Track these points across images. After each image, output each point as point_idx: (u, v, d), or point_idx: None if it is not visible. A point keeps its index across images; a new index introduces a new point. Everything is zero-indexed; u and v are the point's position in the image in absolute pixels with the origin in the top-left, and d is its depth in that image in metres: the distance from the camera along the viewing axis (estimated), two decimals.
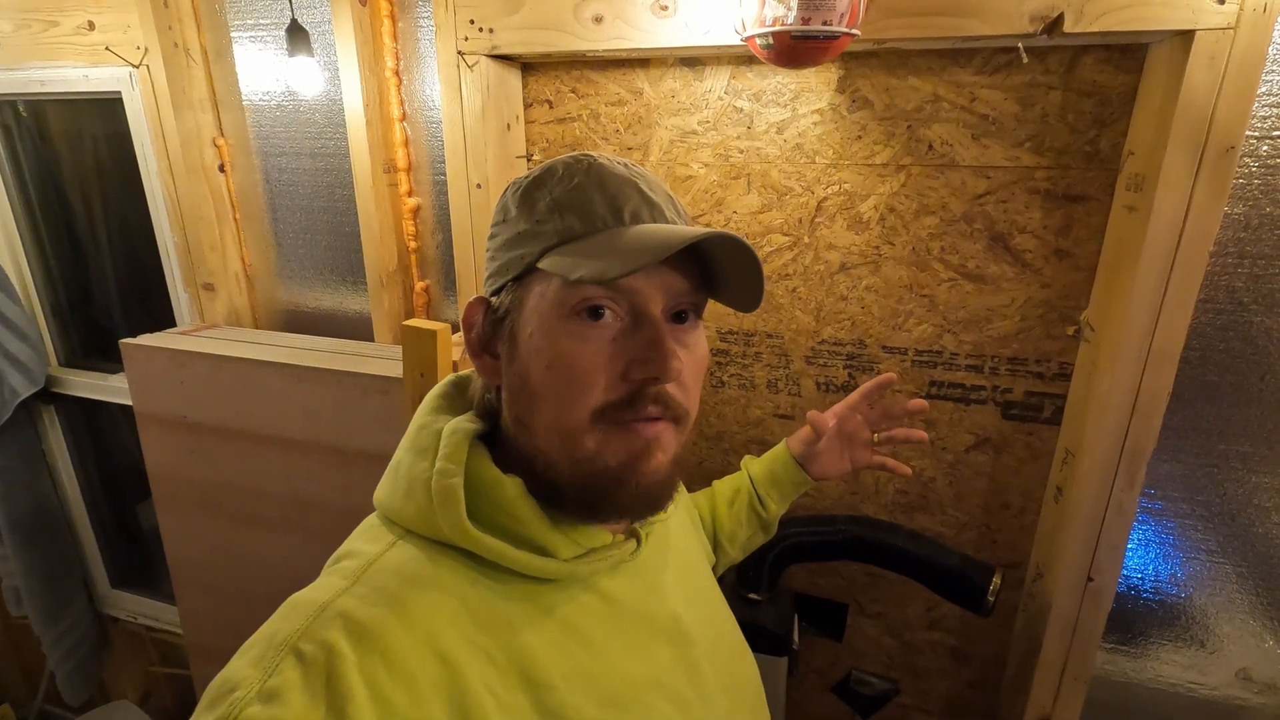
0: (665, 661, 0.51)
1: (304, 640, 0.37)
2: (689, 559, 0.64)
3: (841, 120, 0.98)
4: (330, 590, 0.41)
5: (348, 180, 1.28)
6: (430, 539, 0.45)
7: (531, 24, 0.95)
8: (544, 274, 0.46)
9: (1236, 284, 0.87)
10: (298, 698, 0.35)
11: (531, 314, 0.47)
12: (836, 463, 0.83)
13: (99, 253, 1.67)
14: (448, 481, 0.45)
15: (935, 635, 1.17)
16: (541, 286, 0.46)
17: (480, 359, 0.51)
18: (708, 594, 0.64)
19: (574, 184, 0.47)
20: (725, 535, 0.85)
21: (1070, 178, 0.90)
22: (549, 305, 0.46)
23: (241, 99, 1.32)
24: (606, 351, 0.45)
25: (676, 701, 0.50)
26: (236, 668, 0.37)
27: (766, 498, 0.84)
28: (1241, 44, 0.71)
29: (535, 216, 0.47)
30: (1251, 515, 0.96)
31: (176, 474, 1.34)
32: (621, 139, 1.09)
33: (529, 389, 0.47)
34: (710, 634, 0.58)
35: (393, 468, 0.50)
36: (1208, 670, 1.04)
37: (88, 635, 1.90)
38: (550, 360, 0.45)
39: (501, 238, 0.50)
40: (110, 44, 1.25)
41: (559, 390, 0.45)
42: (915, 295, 1.01)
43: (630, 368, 0.45)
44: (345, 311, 1.39)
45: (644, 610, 0.52)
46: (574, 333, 0.45)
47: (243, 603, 1.29)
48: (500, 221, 0.50)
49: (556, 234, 0.46)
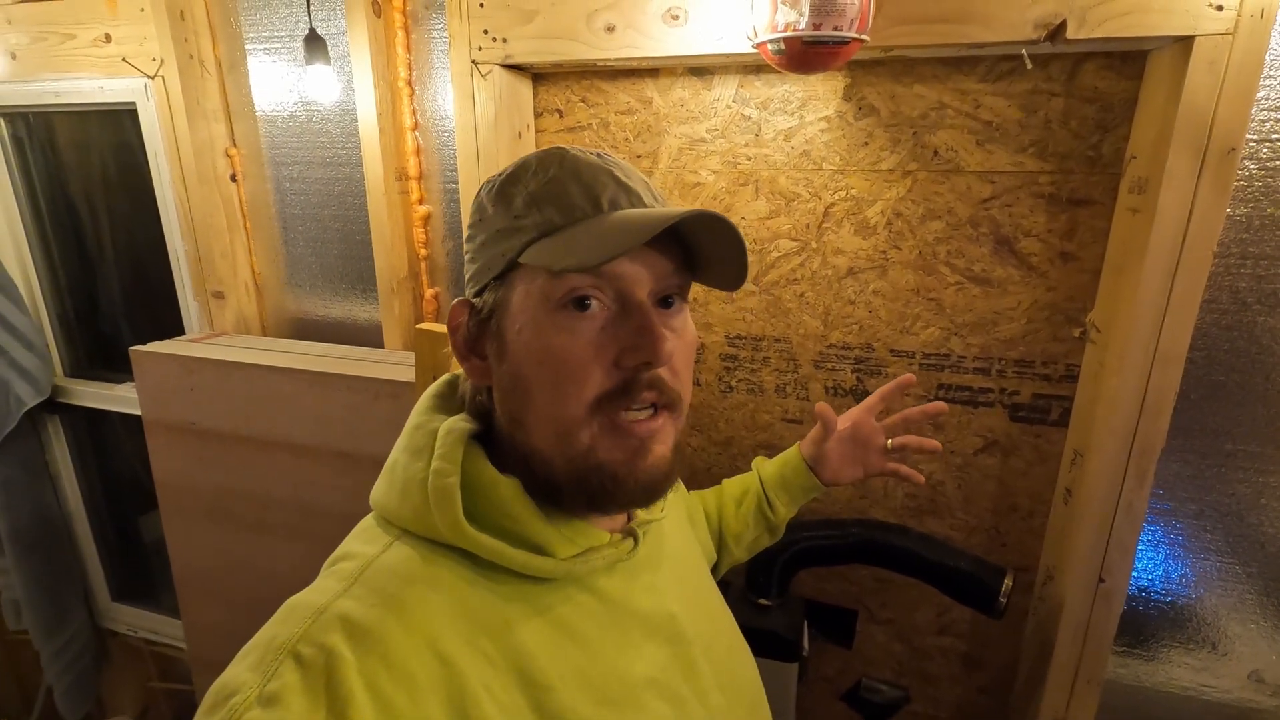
0: (661, 660, 0.51)
1: (303, 643, 0.37)
2: (685, 558, 0.64)
3: (848, 127, 0.99)
4: (328, 593, 0.41)
5: (358, 189, 1.30)
6: (427, 539, 0.45)
7: (545, 34, 0.97)
8: (527, 269, 0.46)
9: (1240, 285, 0.89)
10: (298, 701, 0.35)
11: (518, 311, 0.46)
12: (850, 468, 0.83)
13: (106, 263, 1.68)
14: (444, 481, 0.44)
15: (946, 641, 1.16)
16: (525, 282, 0.46)
17: (468, 361, 0.51)
18: (705, 593, 0.64)
19: (549, 176, 0.47)
20: (731, 535, 0.85)
21: (1074, 182, 0.92)
22: (535, 300, 0.45)
23: (254, 109, 1.34)
24: (597, 342, 0.45)
25: (673, 700, 0.50)
26: (235, 673, 0.37)
27: (775, 500, 0.83)
28: (1240, 49, 0.73)
29: (513, 212, 0.47)
30: (1260, 515, 0.96)
31: (184, 482, 1.34)
32: (631, 147, 1.10)
33: (521, 386, 0.46)
34: (707, 633, 0.58)
35: (389, 468, 0.50)
36: (1220, 673, 1.04)
37: (87, 649, 1.88)
38: (541, 355, 0.45)
39: (480, 237, 0.49)
40: (127, 55, 1.27)
41: (552, 385, 0.45)
42: (922, 299, 1.02)
43: (622, 355, 0.45)
44: (354, 320, 1.40)
45: (640, 609, 0.52)
46: (562, 325, 0.45)
47: (249, 614, 1.27)
48: (477, 221, 0.50)
49: (536, 227, 0.46)
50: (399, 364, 1.20)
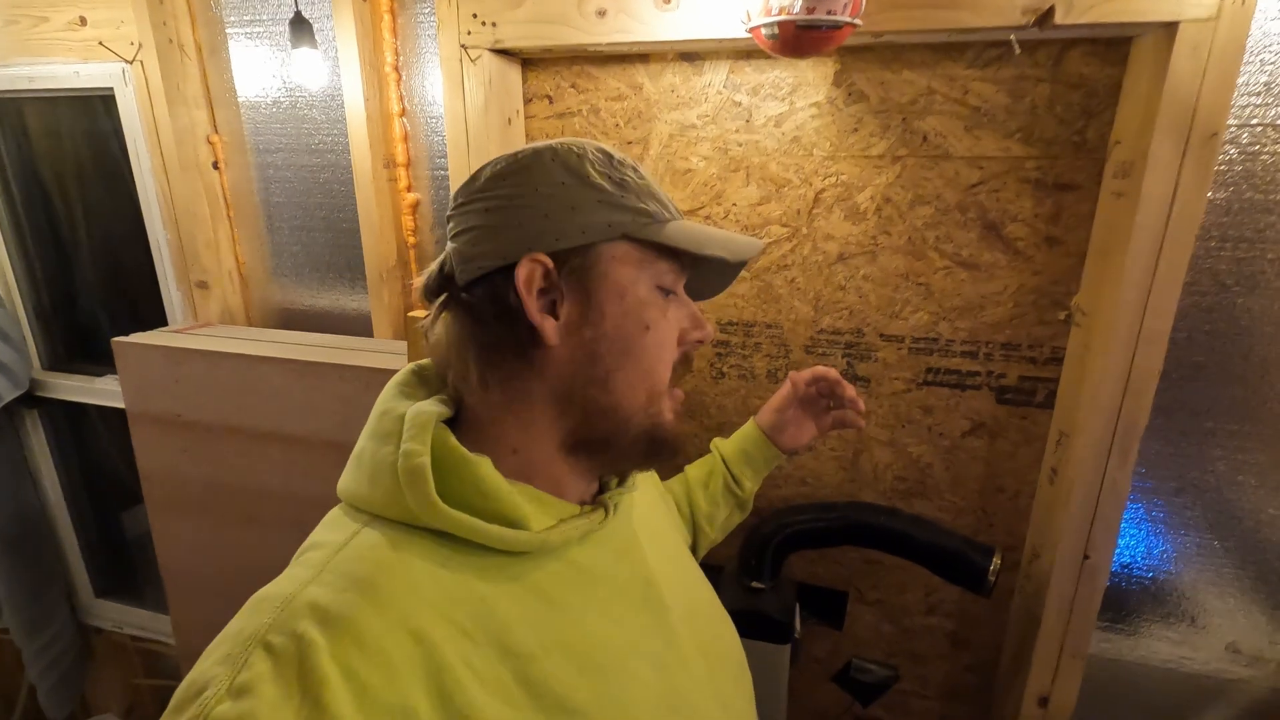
0: (642, 626, 0.52)
1: (272, 632, 0.37)
2: (658, 527, 0.65)
3: (838, 113, 1.00)
4: (296, 582, 0.40)
5: (345, 176, 1.28)
6: (398, 522, 0.45)
7: (535, 18, 0.97)
8: (619, 246, 0.50)
9: (1220, 267, 0.91)
10: (269, 689, 0.34)
11: (626, 282, 0.51)
12: (804, 432, 0.88)
13: (83, 253, 1.65)
14: (415, 461, 0.44)
15: (933, 620, 1.19)
16: (623, 259, 0.51)
17: (546, 320, 0.49)
18: (680, 561, 0.65)
19: (637, 170, 0.53)
20: (703, 516, 0.87)
21: (1059, 167, 0.94)
22: (646, 278, 0.51)
23: (236, 95, 1.31)
24: (675, 323, 0.54)
25: (656, 664, 0.51)
26: (204, 668, 0.37)
27: (741, 476, 0.88)
28: (1222, 34, 0.75)
29: (626, 189, 0.51)
30: (1238, 491, 0.99)
31: (171, 475, 1.32)
32: (621, 133, 1.10)
33: (618, 350, 0.50)
34: (685, 600, 0.59)
35: (355, 456, 0.50)
36: (1198, 645, 1.07)
37: (70, 647, 1.86)
38: (644, 327, 0.51)
39: (561, 199, 0.49)
40: (103, 39, 1.24)
41: (653, 354, 0.52)
42: (911, 284, 1.04)
43: (685, 333, 0.54)
44: (342, 309, 1.39)
45: (617, 577, 0.52)
46: (659, 304, 0.52)
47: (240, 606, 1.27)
48: (567, 183, 0.49)
49: (648, 213, 0.51)
50: (391, 353, 1.19)
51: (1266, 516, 0.99)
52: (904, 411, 1.09)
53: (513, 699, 0.41)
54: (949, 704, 1.22)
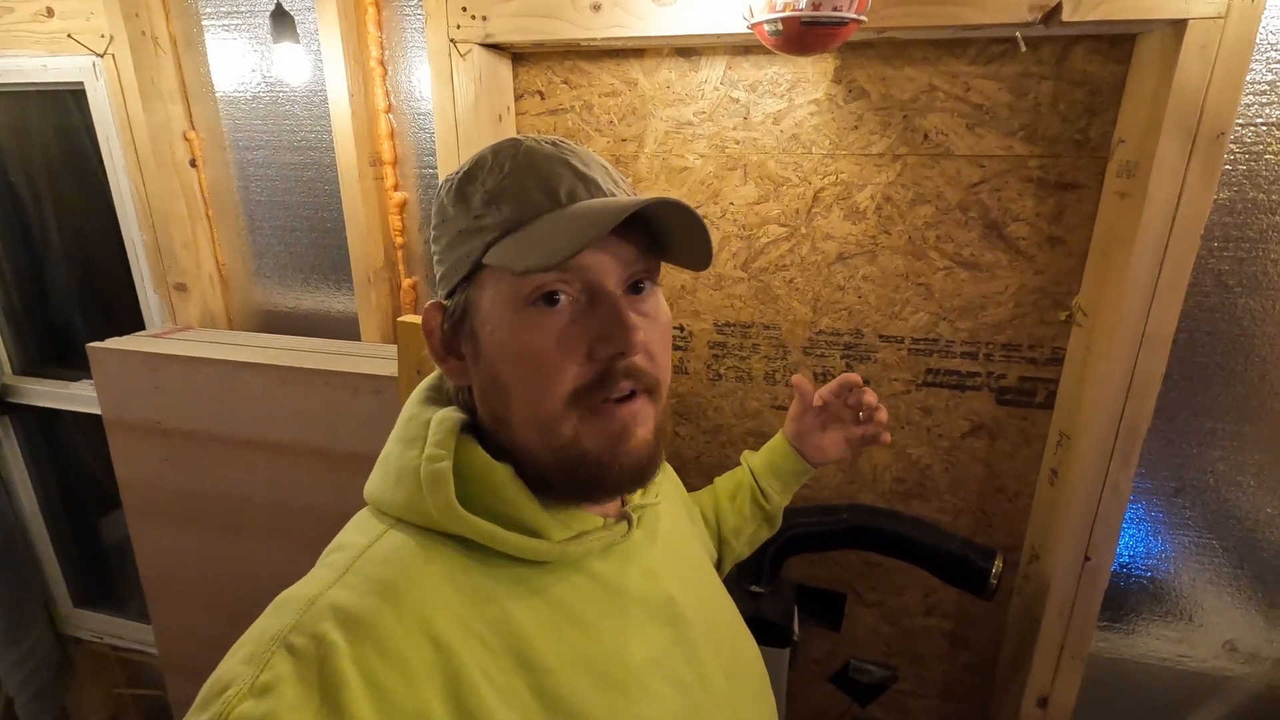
0: (662, 643, 0.51)
1: (295, 634, 0.37)
2: (682, 542, 0.64)
3: (838, 110, 0.98)
4: (319, 583, 0.41)
5: (329, 175, 1.24)
6: (421, 526, 0.45)
7: (527, 11, 0.94)
8: (493, 269, 0.46)
9: (1222, 268, 0.90)
10: (291, 690, 0.35)
11: (489, 311, 0.46)
12: (833, 445, 0.83)
13: (57, 253, 1.59)
14: (436, 466, 0.45)
15: (932, 621, 1.18)
16: (493, 282, 0.46)
17: (446, 363, 0.51)
18: (703, 577, 0.64)
19: (505, 172, 0.46)
20: (730, 530, 0.85)
21: (1062, 166, 0.93)
22: (504, 299, 0.45)
23: (214, 90, 1.27)
24: (568, 335, 0.45)
25: (675, 682, 0.50)
26: (228, 667, 0.37)
27: (768, 489, 0.84)
28: (1231, 32, 0.74)
29: (472, 212, 0.47)
30: (1237, 491, 0.99)
31: (151, 484, 1.28)
32: (615, 130, 1.07)
33: (499, 385, 0.47)
34: (707, 616, 0.57)
35: (382, 460, 0.50)
36: (1196, 643, 1.08)
37: (49, 658, 1.81)
38: (515, 354, 0.46)
39: (444, 239, 0.49)
40: (72, 31, 1.19)
41: (529, 382, 0.46)
42: (911, 284, 1.02)
43: (594, 347, 0.45)
44: (327, 311, 1.35)
45: (638, 592, 0.51)
46: (532, 322, 0.45)
47: (225, 616, 1.24)
48: (440, 223, 0.50)
49: (497, 227, 0.46)
50: (379, 357, 1.15)
51: (1265, 516, 0.99)
52: (903, 413, 1.08)
53: (528, 711, 0.41)
54: (948, 704, 1.22)
